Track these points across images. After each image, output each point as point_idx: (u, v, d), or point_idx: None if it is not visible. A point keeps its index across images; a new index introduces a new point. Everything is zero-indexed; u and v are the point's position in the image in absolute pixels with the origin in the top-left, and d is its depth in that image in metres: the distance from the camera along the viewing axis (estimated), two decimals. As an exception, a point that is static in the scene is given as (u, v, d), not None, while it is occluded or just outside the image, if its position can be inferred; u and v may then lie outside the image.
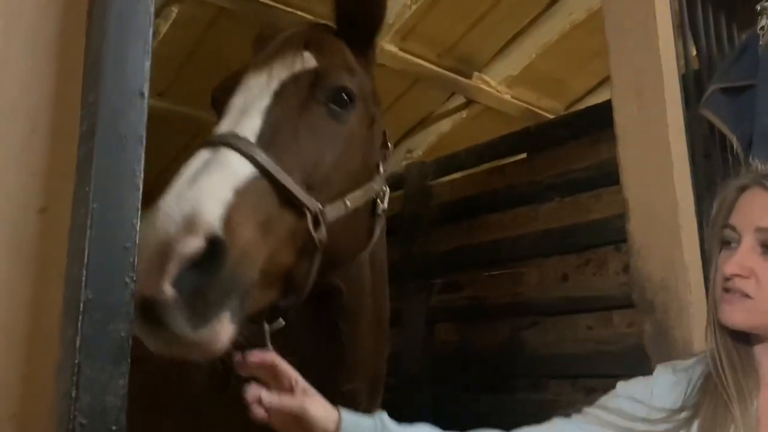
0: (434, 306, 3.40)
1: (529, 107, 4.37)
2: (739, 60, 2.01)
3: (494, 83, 4.12)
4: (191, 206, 1.06)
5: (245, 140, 1.26)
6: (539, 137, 3.12)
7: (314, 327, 1.69)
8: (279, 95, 1.41)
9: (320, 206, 1.35)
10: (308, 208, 1.32)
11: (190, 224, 1.03)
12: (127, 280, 0.62)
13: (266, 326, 1.39)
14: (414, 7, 3.49)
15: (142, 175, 0.64)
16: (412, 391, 3.36)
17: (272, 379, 1.20)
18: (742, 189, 1.27)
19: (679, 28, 2.09)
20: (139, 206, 0.63)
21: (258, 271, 1.20)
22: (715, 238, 1.30)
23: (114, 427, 0.58)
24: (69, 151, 0.64)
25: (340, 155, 1.46)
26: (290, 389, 1.19)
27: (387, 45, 3.64)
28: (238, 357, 1.18)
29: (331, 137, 1.45)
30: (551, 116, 4.29)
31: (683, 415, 1.25)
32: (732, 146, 1.99)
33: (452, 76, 3.95)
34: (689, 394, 1.28)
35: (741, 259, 1.20)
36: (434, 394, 3.29)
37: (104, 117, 0.61)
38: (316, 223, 1.34)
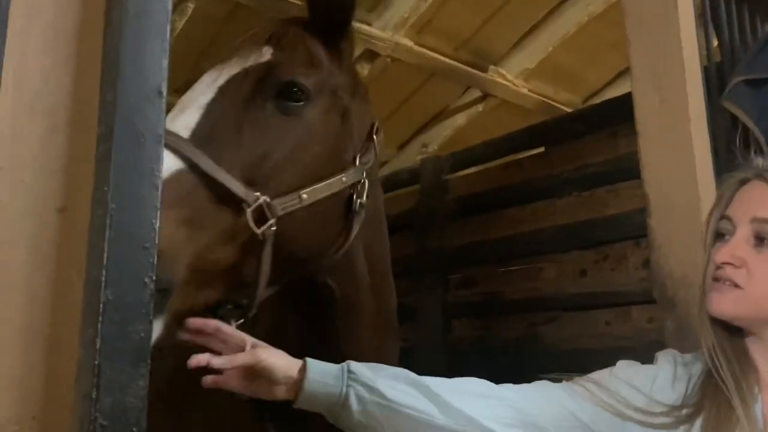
0: (450, 301, 3.39)
1: (546, 101, 4.33)
2: (763, 51, 1.97)
3: (511, 77, 4.09)
4: None
5: (175, 135, 1.22)
6: (557, 131, 3.09)
7: (309, 326, 1.67)
8: (224, 90, 1.38)
9: (267, 199, 1.31)
10: (246, 202, 1.28)
11: None
12: (147, 280, 0.62)
13: (233, 324, 1.36)
14: (429, 0, 3.47)
15: (161, 174, 0.64)
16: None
17: (221, 344, 1.19)
18: (742, 182, 1.27)
19: (700, 20, 2.05)
20: (159, 205, 0.63)
21: (184, 268, 1.18)
22: (711, 230, 1.29)
23: (135, 429, 0.58)
24: (88, 150, 0.63)
25: (292, 149, 1.42)
26: (241, 349, 1.18)
27: (402, 39, 3.62)
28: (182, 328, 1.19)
29: (280, 131, 1.41)
30: (568, 110, 4.25)
31: (684, 412, 1.24)
32: (756, 140, 1.96)
33: (468, 70, 3.92)
34: (690, 392, 1.27)
35: (733, 249, 1.20)
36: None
37: (122, 115, 0.61)
38: (261, 217, 1.30)
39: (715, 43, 2.18)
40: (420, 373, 3.54)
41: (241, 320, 1.39)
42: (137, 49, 0.63)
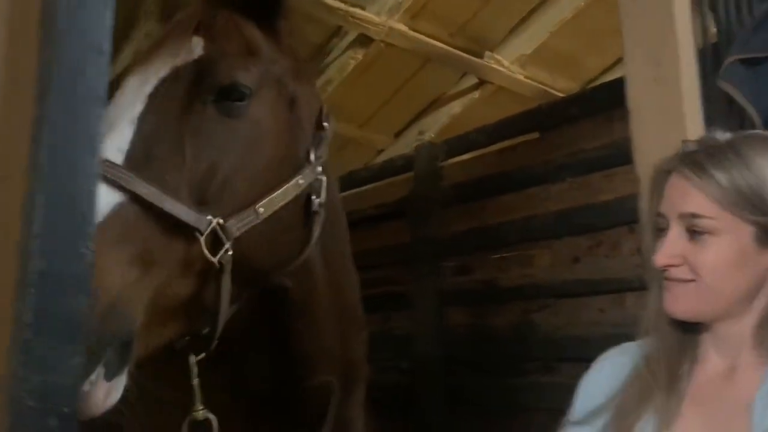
0: (445, 289, 3.36)
1: (543, 87, 4.28)
2: (760, 29, 1.92)
3: (507, 63, 4.04)
4: None
5: (108, 163, 1.06)
6: (551, 116, 3.05)
7: (267, 325, 1.59)
8: (154, 98, 1.21)
9: (221, 221, 1.19)
10: (198, 230, 1.16)
11: None
12: (84, 250, 0.58)
13: (192, 358, 1.28)
14: (424, -18, 3.42)
15: (102, 139, 0.60)
16: (424, 374, 3.32)
17: None
18: (668, 173, 1.24)
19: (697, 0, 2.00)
20: (98, 172, 0.59)
21: (142, 313, 1.07)
22: (650, 226, 1.28)
23: (66, 410, 0.54)
24: (25, 113, 0.59)
25: (242, 156, 1.28)
26: None
27: (397, 24, 3.57)
28: None
29: (226, 137, 1.27)
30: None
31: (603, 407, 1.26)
32: (751, 121, 1.91)
33: (464, 56, 3.87)
34: (621, 387, 1.27)
35: (669, 249, 1.18)
36: (447, 377, 3.26)
37: (60, 75, 0.57)
38: (216, 242, 1.19)
39: (712, 23, 2.14)
40: (416, 360, 3.52)
41: (202, 354, 1.30)
42: (76, 2, 0.59)
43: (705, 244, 1.15)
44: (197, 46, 1.30)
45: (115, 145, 1.12)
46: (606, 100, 2.72)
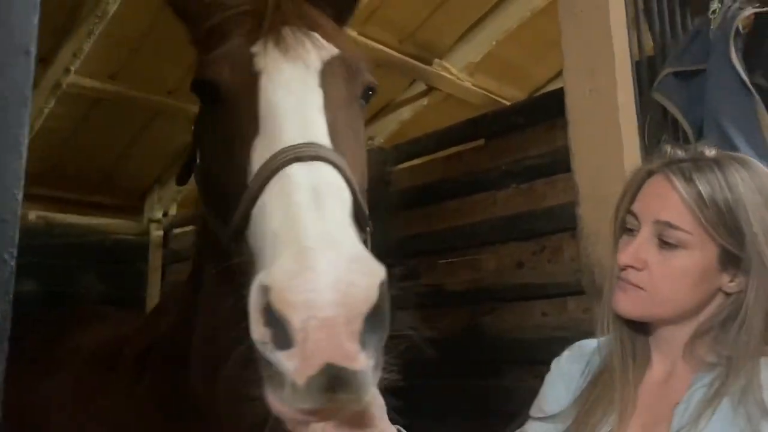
0: (393, 293, 3.36)
1: (491, 95, 4.35)
2: (692, 44, 2.01)
3: (455, 70, 4.09)
4: (354, 254, 0.89)
5: (331, 151, 1.08)
6: (496, 123, 3.11)
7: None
8: (324, 91, 1.21)
9: None
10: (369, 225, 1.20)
11: (364, 276, 0.87)
12: (6, 256, 0.57)
13: None
14: (375, -10, 3.44)
15: (26, 141, 0.59)
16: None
17: None
18: (649, 174, 1.24)
19: (633, 14, 2.08)
20: (22, 176, 0.58)
21: None
22: (618, 223, 1.28)
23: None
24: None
25: (362, 152, 1.31)
26: None
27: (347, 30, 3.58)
28: None
29: (361, 135, 1.32)
30: (512, 104, 4.29)
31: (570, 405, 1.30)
32: (684, 131, 1.99)
33: (413, 63, 3.91)
34: (583, 385, 1.30)
35: (636, 251, 1.19)
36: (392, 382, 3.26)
37: (-17, 76, 0.56)
38: None
39: (649, 38, 2.22)
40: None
41: None
42: (2, 2, 0.58)
43: (672, 255, 1.16)
44: (328, 45, 1.28)
45: (321, 131, 1.12)
46: (549, 109, 2.79)
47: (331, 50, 1.27)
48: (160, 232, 4.47)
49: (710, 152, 1.23)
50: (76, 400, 2.04)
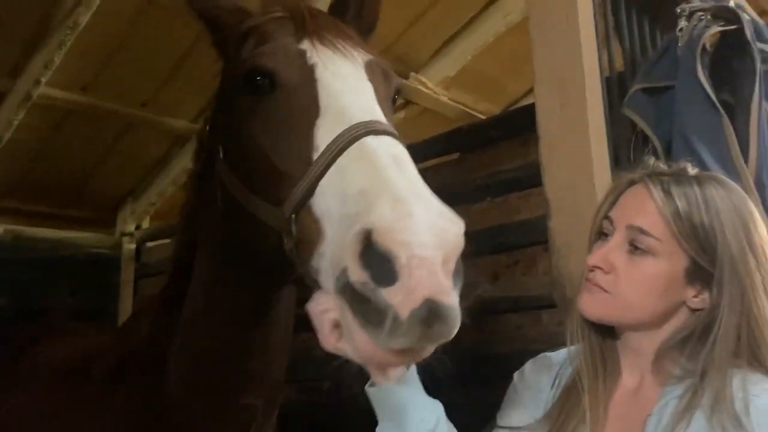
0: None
1: (467, 109, 4.39)
2: (660, 61, 2.04)
3: (432, 84, 4.12)
4: (440, 206, 1.01)
5: (394, 129, 1.21)
6: (471, 137, 3.12)
7: (240, 338, 1.60)
8: (373, 85, 1.30)
9: None
10: None
11: (453, 224, 0.99)
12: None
13: None
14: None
15: None
16: (346, 394, 3.30)
17: None
18: (630, 183, 1.29)
19: (603, 31, 2.11)
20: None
21: None
22: (595, 228, 1.32)
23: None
24: None
25: None
26: None
27: (323, 43, 3.58)
28: None
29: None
30: (488, 119, 4.32)
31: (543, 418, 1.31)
32: (654, 146, 2.02)
33: (390, 76, 3.92)
34: (554, 398, 1.31)
35: (606, 253, 1.23)
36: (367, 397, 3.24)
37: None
38: None
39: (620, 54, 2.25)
40: (337, 379, 3.45)
41: None
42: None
43: (640, 261, 1.19)
44: (363, 52, 1.37)
45: (380, 113, 1.22)
46: (523, 124, 2.80)
47: (366, 54, 1.37)
48: (133, 246, 4.42)
49: (692, 170, 1.27)
50: (46, 414, 2.01)
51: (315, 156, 1.16)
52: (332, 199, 1.10)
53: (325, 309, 1.05)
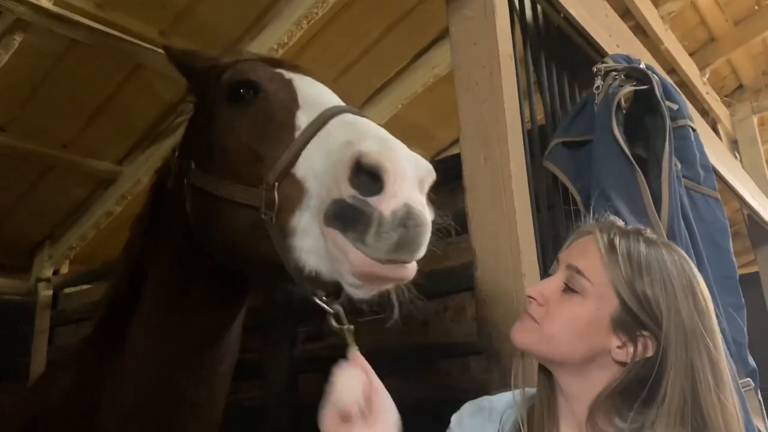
0: (297, 356, 3.29)
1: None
2: (579, 116, 2.14)
3: (363, 131, 4.17)
4: (410, 150, 1.19)
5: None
6: (402, 185, 3.15)
7: (192, 368, 1.66)
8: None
9: None
10: None
11: (425, 161, 1.18)
12: None
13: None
14: (281, 51, 3.48)
15: None
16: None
17: None
18: (585, 233, 1.34)
19: (526, 85, 2.20)
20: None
21: None
22: (549, 269, 1.39)
23: None
24: None
25: None
26: None
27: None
28: None
29: None
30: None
31: None
32: (574, 198, 2.09)
33: (321, 123, 3.95)
34: None
35: (543, 287, 1.29)
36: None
37: None
38: None
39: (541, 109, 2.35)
40: (268, 429, 3.34)
41: None
42: None
43: (570, 299, 1.24)
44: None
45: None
46: (450, 172, 2.85)
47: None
48: (49, 292, 4.20)
49: (649, 234, 1.31)
50: None
51: (296, 135, 1.31)
52: (316, 159, 1.25)
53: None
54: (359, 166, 1.13)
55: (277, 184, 1.28)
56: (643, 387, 1.18)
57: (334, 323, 1.37)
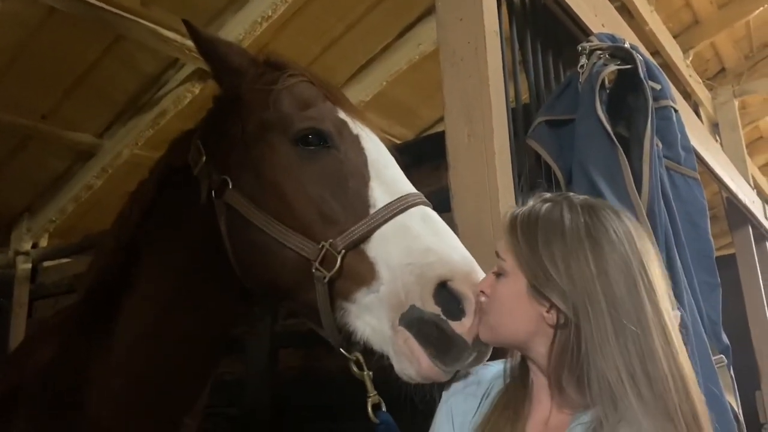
0: (278, 331, 3.30)
1: (381, 134, 4.43)
2: (563, 95, 2.14)
3: (347, 108, 4.14)
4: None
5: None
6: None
7: (193, 361, 1.72)
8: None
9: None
10: None
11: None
12: None
13: None
14: (265, 24, 3.43)
15: None
16: (253, 419, 3.22)
17: None
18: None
19: (511, 63, 2.19)
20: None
21: None
22: None
23: None
24: None
25: None
26: None
27: (237, 62, 3.54)
28: None
29: None
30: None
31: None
32: (556, 176, 2.10)
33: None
34: (482, 413, 1.33)
35: (482, 281, 1.34)
36: (278, 422, 3.18)
37: None
38: None
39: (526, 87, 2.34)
40: (246, 405, 3.38)
41: None
42: None
43: (499, 282, 1.28)
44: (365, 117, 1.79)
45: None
46: (434, 150, 2.86)
47: (372, 126, 1.74)
48: (28, 266, 4.17)
49: (576, 198, 1.30)
50: None
51: (371, 210, 1.42)
52: (393, 251, 1.36)
53: None
54: (443, 287, 1.30)
55: (344, 251, 1.37)
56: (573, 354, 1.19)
57: (355, 369, 1.46)
